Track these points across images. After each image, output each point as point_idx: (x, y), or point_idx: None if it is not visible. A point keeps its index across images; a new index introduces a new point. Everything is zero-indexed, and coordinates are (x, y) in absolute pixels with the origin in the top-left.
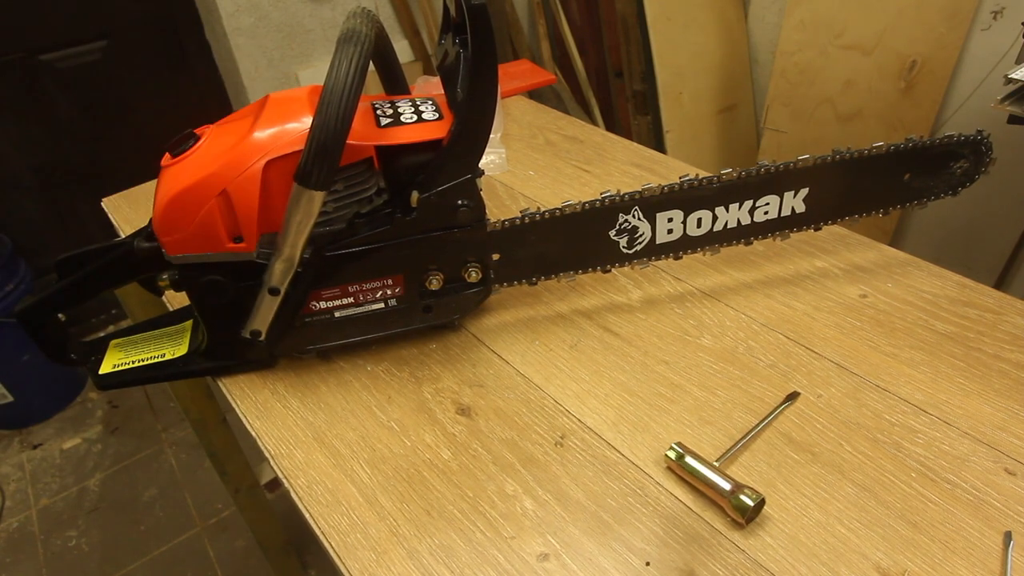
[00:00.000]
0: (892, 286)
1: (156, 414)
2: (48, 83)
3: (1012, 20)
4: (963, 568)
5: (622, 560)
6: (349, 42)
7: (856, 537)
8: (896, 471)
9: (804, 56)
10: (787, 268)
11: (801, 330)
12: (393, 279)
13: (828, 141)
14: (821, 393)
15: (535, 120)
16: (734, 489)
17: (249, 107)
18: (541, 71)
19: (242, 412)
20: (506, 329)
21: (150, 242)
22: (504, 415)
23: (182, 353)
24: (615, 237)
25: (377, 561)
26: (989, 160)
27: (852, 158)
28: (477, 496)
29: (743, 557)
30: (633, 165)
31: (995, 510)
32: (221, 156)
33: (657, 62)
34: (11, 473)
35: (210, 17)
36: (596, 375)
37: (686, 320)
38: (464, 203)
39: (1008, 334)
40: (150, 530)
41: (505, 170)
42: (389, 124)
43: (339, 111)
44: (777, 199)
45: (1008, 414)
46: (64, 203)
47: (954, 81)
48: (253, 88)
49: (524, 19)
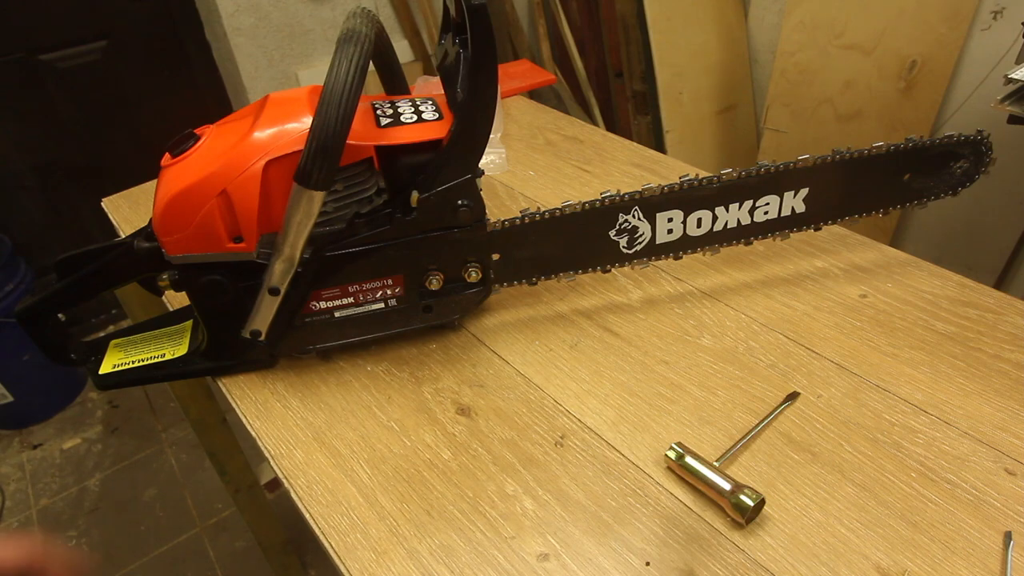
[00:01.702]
0: (892, 286)
1: (156, 414)
2: (48, 83)
3: (1012, 20)
4: (963, 568)
5: (622, 560)
6: (349, 42)
7: (856, 537)
8: (896, 471)
9: (804, 56)
10: (787, 268)
11: (801, 330)
12: (393, 279)
13: (828, 141)
14: (821, 393)
15: (535, 120)
16: (734, 489)
17: (249, 107)
18: (541, 71)
19: (242, 412)
20: (506, 329)
21: (150, 242)
22: (504, 415)
23: (182, 353)
24: (615, 237)
25: (377, 561)
26: (989, 160)
27: (852, 158)
28: (477, 496)
29: (743, 557)
30: (633, 165)
31: (995, 510)
32: (221, 156)
33: (657, 62)
34: (11, 473)
35: (210, 17)
36: (596, 375)
37: (686, 320)
38: (464, 203)
39: (1008, 334)
40: (150, 530)
41: (505, 170)
42: (389, 124)
43: (339, 111)
44: (777, 199)
45: (1008, 414)
46: (64, 203)
47: (954, 81)
48: (253, 88)
49: (524, 19)
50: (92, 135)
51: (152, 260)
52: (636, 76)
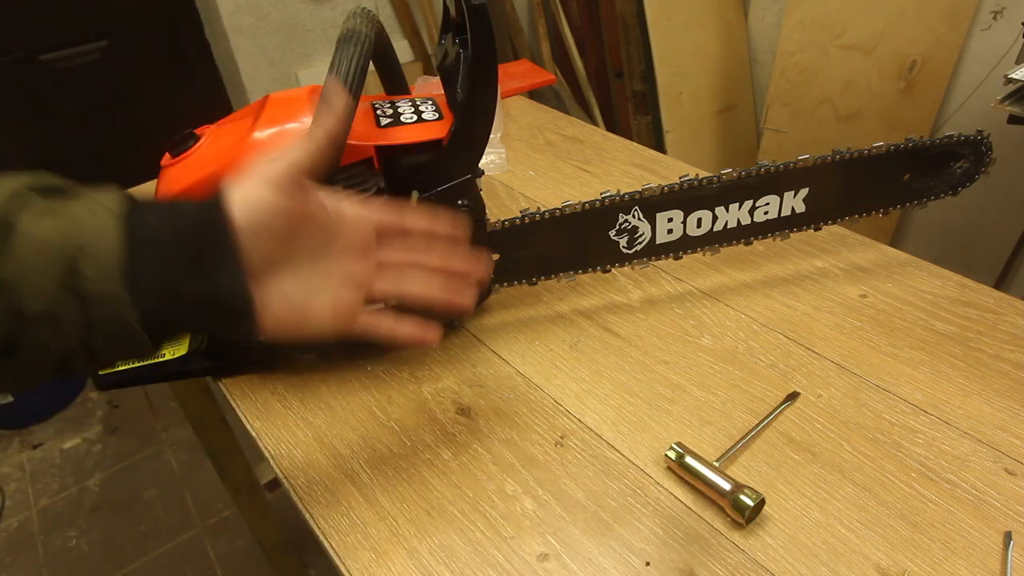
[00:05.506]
0: (892, 286)
1: (156, 414)
2: (48, 83)
3: (1012, 20)
4: (963, 568)
5: (622, 560)
6: (349, 42)
7: (856, 537)
8: (896, 471)
9: (804, 56)
10: (787, 268)
11: (801, 330)
12: None
13: (828, 141)
14: (821, 393)
15: (535, 120)
16: (734, 489)
17: (249, 107)
18: (541, 71)
19: (242, 412)
20: (506, 329)
21: None
22: (504, 415)
23: (182, 353)
24: (615, 237)
25: (377, 561)
26: (989, 160)
27: (852, 158)
28: (477, 496)
29: (743, 557)
30: (633, 165)
31: (995, 510)
32: (221, 156)
33: (657, 62)
34: (11, 473)
35: (210, 17)
36: (596, 375)
37: (686, 320)
38: (464, 203)
39: (1008, 334)
40: (150, 530)
41: (505, 170)
42: (389, 124)
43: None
44: (777, 199)
45: (1008, 414)
46: None
47: (954, 81)
48: (253, 88)
49: (524, 19)
50: (92, 135)
51: None
52: (636, 76)
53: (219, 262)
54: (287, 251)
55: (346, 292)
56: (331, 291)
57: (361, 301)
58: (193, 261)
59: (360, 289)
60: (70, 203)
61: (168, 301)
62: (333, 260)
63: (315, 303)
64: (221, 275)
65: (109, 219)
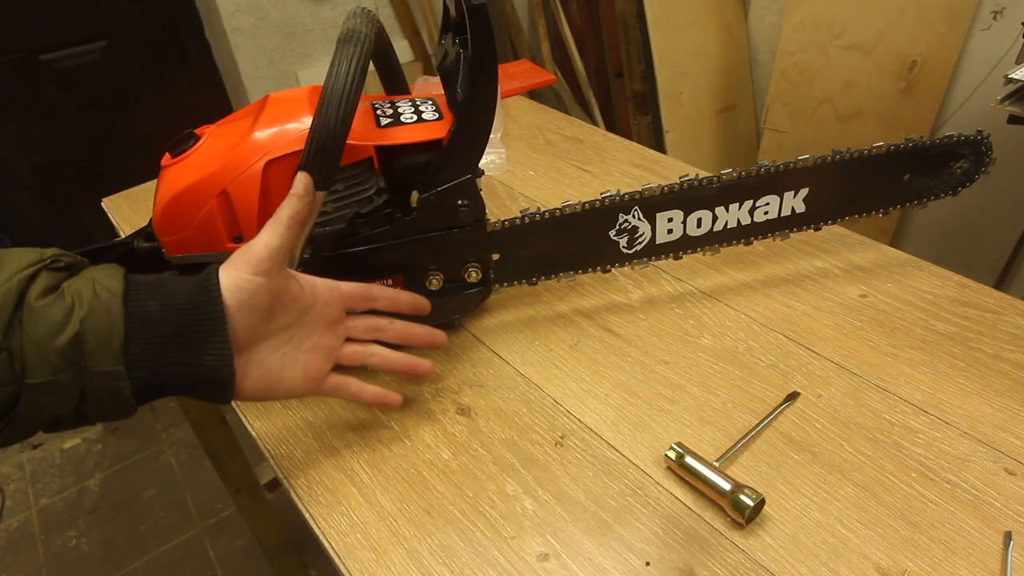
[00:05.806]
0: (892, 286)
1: (156, 414)
2: (48, 83)
3: (1012, 20)
4: (963, 568)
5: (622, 560)
6: (349, 42)
7: (856, 537)
8: (896, 471)
9: (804, 56)
10: (787, 268)
11: (801, 330)
12: (393, 279)
13: (828, 141)
14: (821, 393)
15: (535, 120)
16: (734, 489)
17: (249, 107)
18: (541, 71)
19: (242, 412)
20: (506, 329)
21: (150, 242)
22: (504, 415)
23: None
24: (615, 237)
25: (377, 561)
26: (989, 160)
27: (852, 158)
28: (477, 496)
29: (743, 557)
30: (633, 165)
31: (995, 510)
32: (221, 156)
33: (657, 62)
34: (11, 473)
35: (210, 17)
36: (596, 375)
37: (686, 320)
38: (464, 203)
39: (1008, 334)
40: (150, 530)
41: (505, 170)
42: (389, 124)
43: (339, 111)
44: (777, 199)
45: (1008, 414)
46: (64, 203)
47: (954, 81)
48: (253, 88)
49: (524, 19)
50: (92, 135)
51: (152, 260)
52: (636, 76)
53: (208, 341)
54: (268, 326)
55: (316, 360)
56: (303, 359)
57: (329, 368)
58: (185, 341)
59: (329, 357)
60: (75, 282)
61: (159, 375)
62: (306, 332)
63: (288, 370)
64: (208, 353)
65: (112, 303)
